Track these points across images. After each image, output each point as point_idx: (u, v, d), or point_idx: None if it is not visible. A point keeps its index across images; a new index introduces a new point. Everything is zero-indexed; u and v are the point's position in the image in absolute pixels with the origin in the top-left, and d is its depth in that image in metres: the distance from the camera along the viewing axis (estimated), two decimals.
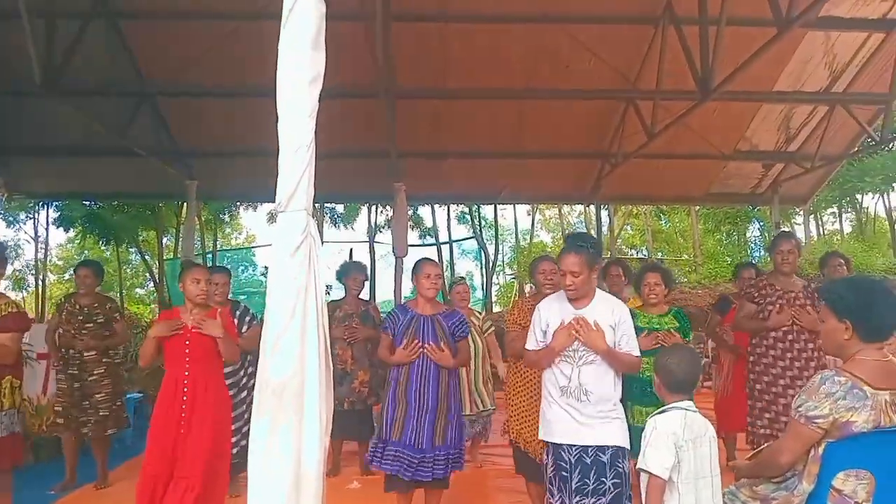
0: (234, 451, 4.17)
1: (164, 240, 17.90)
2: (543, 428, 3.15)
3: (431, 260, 4.12)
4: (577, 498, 2.95)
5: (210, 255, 17.68)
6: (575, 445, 2.99)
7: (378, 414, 4.21)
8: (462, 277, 7.43)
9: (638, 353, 3.11)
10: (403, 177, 7.88)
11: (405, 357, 3.76)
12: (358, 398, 5.33)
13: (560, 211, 24.90)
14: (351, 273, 5.69)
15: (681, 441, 2.29)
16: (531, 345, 3.21)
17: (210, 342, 3.70)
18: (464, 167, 9.36)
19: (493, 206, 17.25)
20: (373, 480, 5.11)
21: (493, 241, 19.66)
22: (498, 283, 23.01)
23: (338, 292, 6.39)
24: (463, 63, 7.54)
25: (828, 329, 2.28)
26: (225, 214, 19.00)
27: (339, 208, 17.42)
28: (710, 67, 5.87)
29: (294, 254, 1.88)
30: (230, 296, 5.08)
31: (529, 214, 23.65)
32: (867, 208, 22.01)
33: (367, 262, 15.90)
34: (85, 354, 5.04)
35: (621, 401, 3.13)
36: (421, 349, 3.72)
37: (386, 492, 3.83)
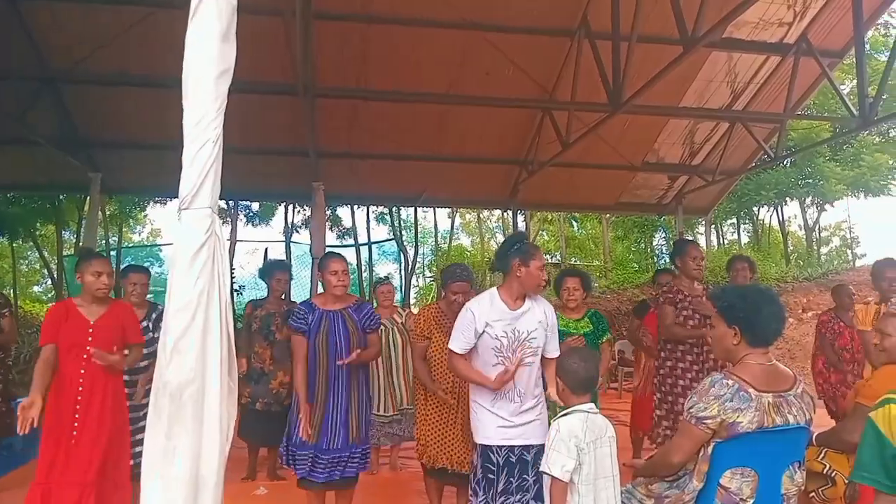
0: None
1: (65, 235, 16.88)
2: (474, 429, 3.18)
3: (337, 255, 3.99)
4: (503, 498, 3.01)
5: (114, 252, 16.81)
6: (503, 446, 3.03)
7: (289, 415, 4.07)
8: (386, 277, 7.43)
9: (558, 354, 3.17)
10: (322, 176, 7.78)
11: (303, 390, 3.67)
12: (275, 399, 5.16)
13: (479, 215, 25.20)
14: (274, 273, 5.51)
15: (582, 444, 2.37)
16: (458, 346, 3.13)
17: (113, 337, 3.50)
18: (384, 169, 9.32)
19: (413, 208, 17.26)
20: (280, 485, 5.02)
21: (413, 244, 19.68)
22: (418, 286, 23.05)
23: (252, 293, 6.22)
24: (385, 64, 7.51)
25: (718, 334, 2.42)
26: (135, 209, 18.14)
27: (255, 206, 16.92)
28: (622, 81, 6.11)
29: (197, 253, 1.82)
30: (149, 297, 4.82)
31: (450, 217, 23.82)
32: (763, 220, 23.45)
33: None
34: None
35: None
36: (343, 364, 3.62)
37: (299, 487, 3.77)
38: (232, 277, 14.23)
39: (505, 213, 11.35)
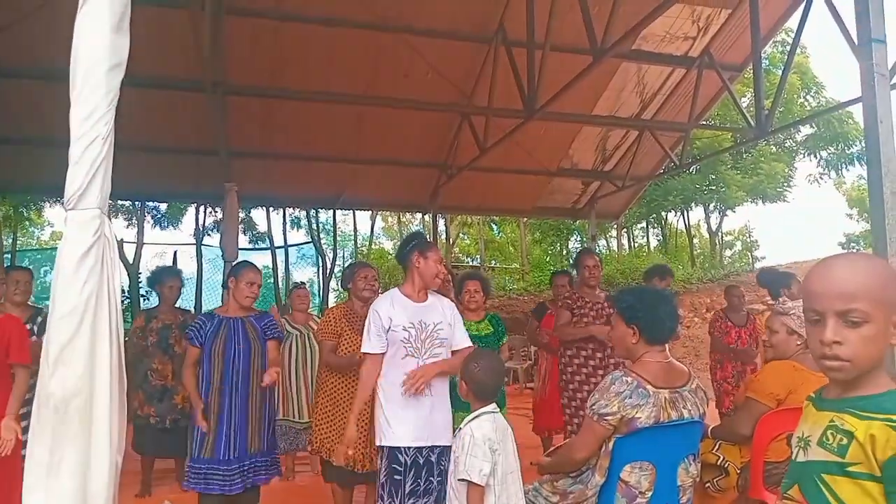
0: None
1: None
2: (380, 431, 3.09)
3: (254, 265, 3.93)
4: (411, 500, 2.98)
5: (8, 256, 15.71)
6: (411, 447, 3.01)
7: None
8: (302, 283, 7.22)
9: (470, 343, 3.29)
10: (235, 177, 7.54)
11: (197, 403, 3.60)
12: (182, 414, 4.93)
13: (399, 218, 25.14)
14: (164, 280, 5.24)
15: (495, 444, 2.38)
16: (372, 347, 3.13)
17: None
18: (301, 170, 9.15)
19: (332, 211, 17.01)
20: (187, 497, 4.82)
21: (332, 247, 19.40)
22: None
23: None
24: (301, 63, 7.36)
25: (618, 334, 2.51)
26: (31, 210, 17.02)
27: (163, 207, 16.18)
28: (536, 89, 6.25)
29: (84, 257, 1.71)
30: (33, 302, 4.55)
31: (371, 220, 23.63)
32: (671, 224, 24.54)
33: (194, 267, 15.00)
34: None
35: None
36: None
37: None
38: (139, 282, 13.64)
39: (425, 217, 11.35)
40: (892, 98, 3.00)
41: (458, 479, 2.36)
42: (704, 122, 10.16)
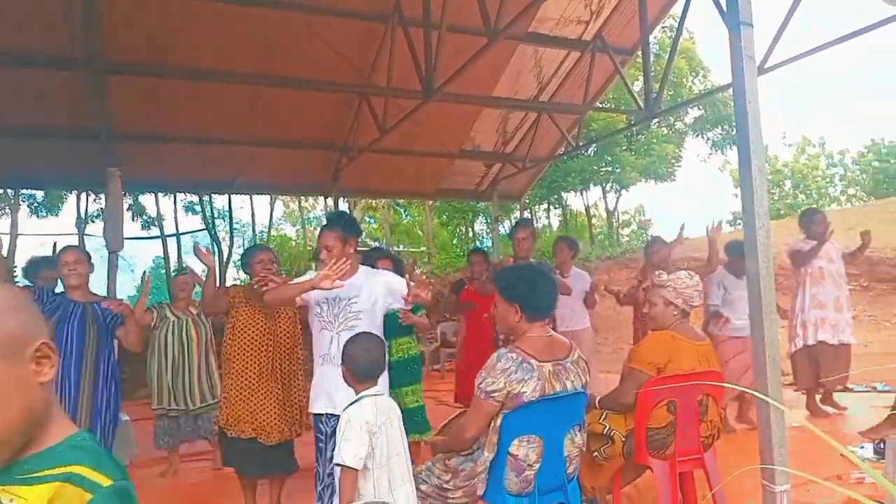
0: None
1: None
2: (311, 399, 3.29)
3: (73, 247, 4.09)
4: (332, 465, 3.04)
5: None
6: (333, 415, 3.03)
7: None
8: (184, 269, 6.72)
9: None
10: (120, 161, 7.07)
11: None
12: None
13: (300, 203, 24.57)
14: (40, 272, 5.13)
15: (374, 427, 2.34)
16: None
17: None
18: (192, 152, 8.68)
19: (227, 196, 16.36)
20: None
21: (229, 234, 18.70)
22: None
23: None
24: (194, 41, 6.92)
25: (500, 311, 2.55)
26: None
27: (40, 195, 14.99)
28: (433, 69, 6.21)
29: None
30: None
31: (270, 205, 22.94)
32: (570, 205, 25.34)
33: None
34: None
35: None
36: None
37: None
38: (14, 275, 12.66)
39: (328, 200, 11.13)
40: (759, 82, 3.16)
41: (335, 464, 2.32)
42: (599, 105, 10.46)
